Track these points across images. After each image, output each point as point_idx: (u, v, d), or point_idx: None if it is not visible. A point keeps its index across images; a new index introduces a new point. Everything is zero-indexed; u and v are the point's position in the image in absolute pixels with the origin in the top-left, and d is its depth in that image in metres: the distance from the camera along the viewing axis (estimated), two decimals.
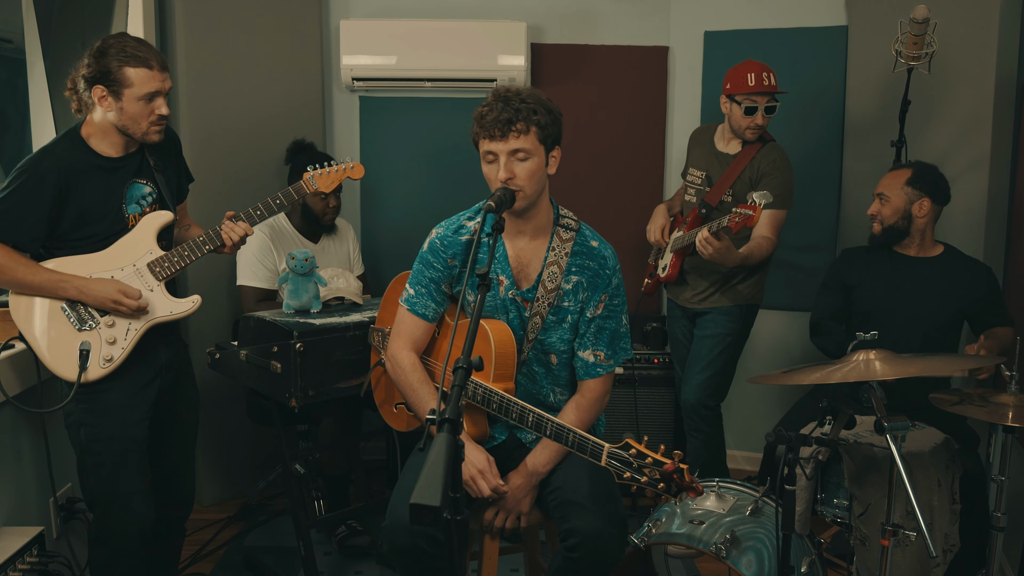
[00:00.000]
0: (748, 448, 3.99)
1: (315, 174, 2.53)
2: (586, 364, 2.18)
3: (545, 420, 1.95)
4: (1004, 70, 3.29)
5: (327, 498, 3.11)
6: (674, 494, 1.78)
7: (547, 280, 2.13)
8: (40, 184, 2.16)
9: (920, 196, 2.74)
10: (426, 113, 3.87)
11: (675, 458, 1.77)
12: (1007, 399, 2.11)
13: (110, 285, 2.23)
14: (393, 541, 1.96)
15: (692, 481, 1.77)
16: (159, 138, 2.27)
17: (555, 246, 2.15)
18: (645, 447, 1.81)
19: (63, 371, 2.22)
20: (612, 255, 2.20)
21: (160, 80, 2.19)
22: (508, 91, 2.03)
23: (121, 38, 2.19)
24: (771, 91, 2.96)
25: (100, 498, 2.31)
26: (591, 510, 1.98)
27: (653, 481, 1.78)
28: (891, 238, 2.80)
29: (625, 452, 1.81)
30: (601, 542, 1.96)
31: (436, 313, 2.21)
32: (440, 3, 3.81)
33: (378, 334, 2.48)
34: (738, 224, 2.68)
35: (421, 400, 2.14)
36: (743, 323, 3.16)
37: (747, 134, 3.02)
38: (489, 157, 2.03)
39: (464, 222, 2.19)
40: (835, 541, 2.82)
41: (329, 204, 3.22)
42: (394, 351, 2.21)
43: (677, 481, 1.76)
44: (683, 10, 3.86)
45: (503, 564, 2.67)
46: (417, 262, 2.21)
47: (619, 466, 1.81)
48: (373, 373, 2.50)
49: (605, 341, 2.18)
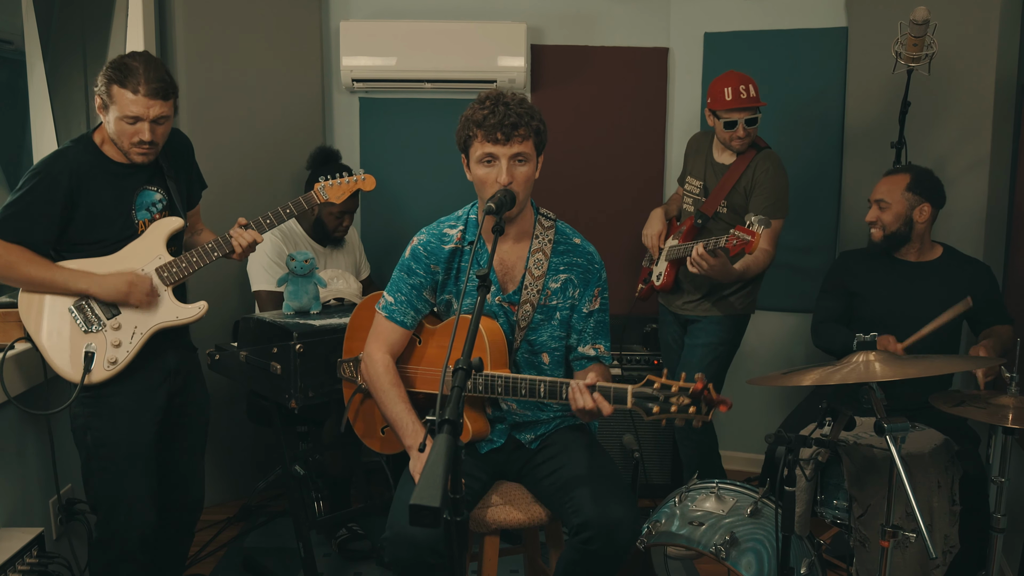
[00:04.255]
0: (748, 450, 3.99)
1: (326, 185, 2.54)
2: (590, 358, 2.21)
3: (558, 384, 1.96)
4: (1004, 71, 3.29)
5: (328, 499, 3.11)
6: (706, 413, 1.81)
7: (533, 268, 2.15)
8: (52, 186, 2.18)
9: (920, 201, 2.73)
10: (426, 114, 3.87)
11: (698, 379, 1.81)
12: (1007, 400, 2.11)
13: (121, 276, 2.24)
14: (396, 553, 1.95)
15: (720, 396, 1.81)
16: (143, 159, 2.26)
17: (538, 234, 2.18)
18: (666, 378, 1.84)
19: (68, 372, 2.23)
20: (595, 251, 2.24)
21: (143, 106, 2.15)
22: (504, 95, 2.04)
23: (133, 56, 2.18)
24: (748, 105, 2.94)
25: (104, 502, 2.31)
26: (603, 500, 1.97)
27: (683, 407, 1.80)
28: (892, 244, 2.78)
29: (649, 388, 1.84)
30: (616, 532, 1.95)
31: (415, 320, 2.22)
32: (440, 4, 3.81)
33: (347, 365, 2.45)
34: (736, 248, 2.67)
35: (391, 402, 2.14)
36: (735, 332, 3.15)
37: (733, 144, 3.02)
38: (487, 159, 2.03)
39: (446, 230, 2.20)
40: (835, 542, 2.82)
41: (343, 223, 3.25)
42: (370, 351, 2.21)
43: (707, 397, 1.80)
44: (683, 11, 3.86)
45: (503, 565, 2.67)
46: (397, 270, 2.22)
47: (647, 403, 1.83)
48: (351, 405, 2.44)
49: (604, 335, 2.22)
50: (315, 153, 3.29)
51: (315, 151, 3.30)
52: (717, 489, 2.26)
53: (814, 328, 2.94)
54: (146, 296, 2.27)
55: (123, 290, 2.24)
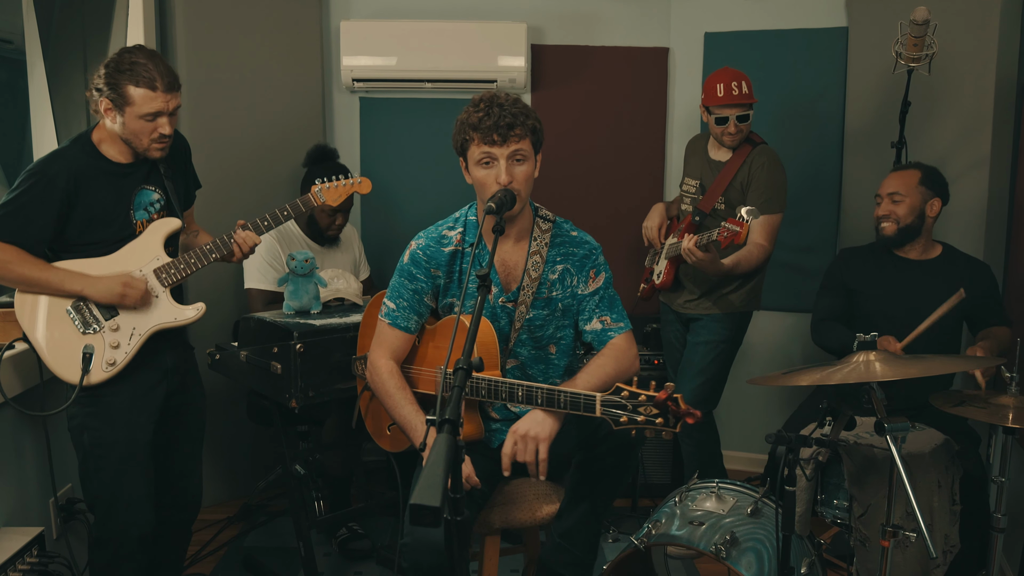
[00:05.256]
0: (749, 449, 3.98)
1: (323, 187, 2.54)
2: (596, 332, 2.20)
3: (552, 390, 1.97)
4: (1004, 71, 3.29)
5: (328, 499, 3.11)
6: (673, 426, 1.80)
7: (531, 269, 2.17)
8: (49, 187, 2.17)
9: (932, 196, 2.74)
10: (426, 114, 3.87)
11: (667, 389, 1.79)
12: (1007, 400, 2.11)
13: (115, 279, 2.24)
14: (416, 559, 1.96)
15: (688, 408, 1.79)
16: (161, 154, 2.28)
17: (536, 236, 2.19)
18: (636, 386, 1.83)
19: (65, 373, 2.22)
20: (594, 241, 2.25)
21: (163, 101, 2.18)
22: (497, 97, 2.05)
23: (134, 52, 2.18)
24: (739, 101, 2.95)
25: (102, 501, 2.31)
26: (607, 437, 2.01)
27: (651, 417, 1.80)
28: (904, 238, 2.78)
29: (617, 396, 1.85)
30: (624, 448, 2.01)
31: (418, 325, 2.23)
32: (440, 4, 3.81)
33: (360, 363, 2.47)
34: (726, 240, 2.68)
35: (399, 405, 2.15)
36: (736, 330, 3.15)
37: (725, 140, 3.03)
38: (485, 161, 2.04)
39: (445, 232, 2.20)
40: (835, 542, 2.82)
41: (335, 221, 3.25)
42: (374, 359, 2.22)
43: (673, 410, 1.78)
44: (683, 11, 3.86)
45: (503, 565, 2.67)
46: (397, 275, 2.22)
47: (615, 412, 1.83)
48: (362, 401, 2.48)
49: (609, 307, 2.21)
50: (312, 151, 3.29)
51: (312, 149, 3.30)
52: (717, 489, 2.26)
53: (814, 326, 2.94)
54: (140, 299, 2.26)
55: (117, 292, 2.23)
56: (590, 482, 2.07)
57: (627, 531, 3.24)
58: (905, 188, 2.75)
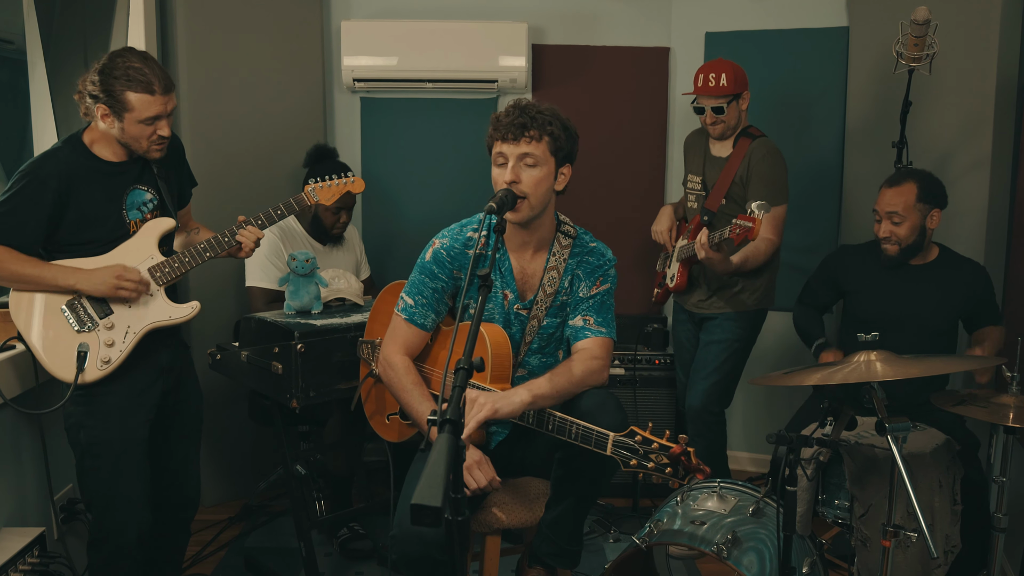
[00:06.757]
0: (752, 449, 3.98)
1: (316, 187, 2.55)
2: (575, 328, 2.18)
3: (565, 419, 1.96)
4: (1005, 71, 3.29)
5: (329, 499, 3.11)
6: (681, 477, 1.79)
7: (547, 284, 2.17)
8: (41, 188, 2.17)
9: (930, 209, 2.72)
10: (427, 114, 3.87)
11: (681, 442, 1.78)
12: (1008, 400, 2.11)
13: (108, 269, 2.23)
14: (403, 550, 1.96)
15: (699, 464, 1.78)
16: (160, 155, 2.28)
17: (555, 251, 2.18)
18: (650, 433, 1.83)
19: (60, 372, 2.22)
20: (611, 254, 2.24)
21: (162, 104, 2.18)
22: (528, 102, 2.06)
23: (126, 56, 2.17)
24: (713, 93, 2.97)
25: (99, 500, 2.31)
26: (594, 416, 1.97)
27: (660, 466, 1.79)
28: (909, 255, 2.76)
29: (631, 439, 1.83)
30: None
31: (435, 323, 2.22)
32: (441, 4, 3.81)
33: (367, 346, 2.48)
34: (739, 236, 2.67)
35: (415, 401, 2.13)
36: (750, 329, 3.15)
37: (710, 130, 3.08)
38: (499, 159, 2.05)
39: (470, 233, 2.18)
40: (836, 542, 2.82)
41: (340, 220, 3.25)
42: (388, 354, 2.20)
43: (684, 463, 1.78)
44: (684, 11, 3.86)
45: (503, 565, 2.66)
46: (417, 272, 2.19)
47: (626, 454, 1.83)
48: (363, 385, 2.49)
49: (596, 308, 2.18)
50: (311, 151, 3.30)
51: (311, 148, 3.31)
52: (719, 488, 2.26)
53: (797, 302, 3.03)
54: (136, 288, 2.25)
55: (111, 283, 2.22)
56: (571, 478, 2.07)
57: (628, 531, 3.24)
58: (904, 208, 2.70)
